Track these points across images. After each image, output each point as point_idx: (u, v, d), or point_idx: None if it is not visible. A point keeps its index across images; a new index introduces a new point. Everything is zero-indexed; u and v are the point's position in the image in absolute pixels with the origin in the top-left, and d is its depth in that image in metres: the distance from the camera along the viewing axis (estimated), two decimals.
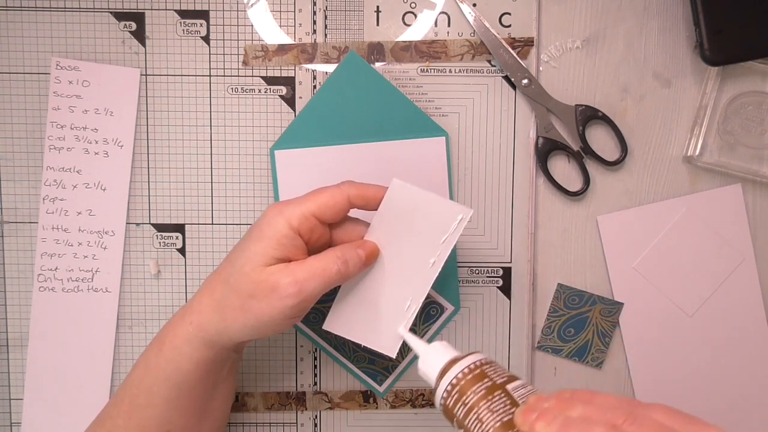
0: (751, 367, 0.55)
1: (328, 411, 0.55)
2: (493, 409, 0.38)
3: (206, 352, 0.43)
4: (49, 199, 0.53)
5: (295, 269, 0.41)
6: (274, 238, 0.41)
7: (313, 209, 0.42)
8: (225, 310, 0.42)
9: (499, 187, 0.54)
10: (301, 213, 0.42)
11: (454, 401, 0.40)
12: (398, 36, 0.53)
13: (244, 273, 0.41)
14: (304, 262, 0.42)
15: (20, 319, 0.54)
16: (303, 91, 0.54)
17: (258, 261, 0.41)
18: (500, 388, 0.39)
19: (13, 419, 0.55)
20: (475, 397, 0.39)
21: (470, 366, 0.40)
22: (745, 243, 0.54)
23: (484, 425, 0.38)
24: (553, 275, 0.55)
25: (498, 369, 0.41)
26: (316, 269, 0.41)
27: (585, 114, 0.53)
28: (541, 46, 0.54)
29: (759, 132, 0.54)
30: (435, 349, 0.43)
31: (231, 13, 0.53)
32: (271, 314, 0.41)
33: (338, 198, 0.43)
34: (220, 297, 0.42)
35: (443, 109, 0.54)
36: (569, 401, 0.36)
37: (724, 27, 0.51)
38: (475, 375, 0.40)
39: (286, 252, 0.42)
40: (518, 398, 0.39)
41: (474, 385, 0.39)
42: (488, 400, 0.38)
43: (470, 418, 0.39)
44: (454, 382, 0.40)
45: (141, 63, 0.53)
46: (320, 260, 0.42)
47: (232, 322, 0.42)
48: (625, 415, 0.33)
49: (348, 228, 0.45)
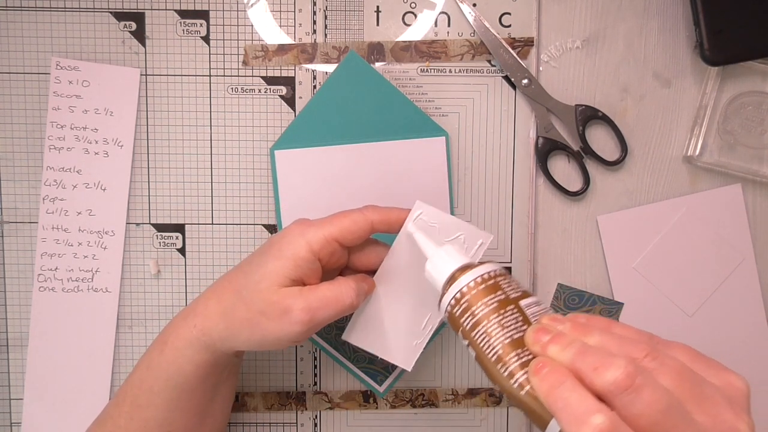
0: (751, 367, 0.55)
1: (328, 411, 0.55)
2: (504, 324, 0.36)
3: (207, 356, 0.43)
4: (49, 199, 0.53)
5: (310, 296, 0.41)
6: (292, 260, 0.41)
7: (336, 234, 0.42)
8: (232, 320, 0.42)
9: (499, 187, 0.54)
10: (324, 237, 0.41)
11: (462, 310, 0.37)
12: (398, 36, 0.53)
13: (258, 290, 0.41)
14: (318, 288, 0.41)
15: (20, 319, 0.54)
16: (303, 91, 0.54)
17: (274, 280, 0.41)
18: (513, 303, 0.36)
19: (13, 419, 0.55)
20: (485, 310, 0.36)
21: (483, 276, 0.38)
22: (745, 243, 0.54)
23: (493, 340, 0.35)
24: (553, 275, 0.55)
25: (513, 282, 0.38)
26: (330, 299, 0.41)
27: (585, 114, 0.53)
28: (541, 46, 0.54)
29: (759, 132, 0.54)
30: (447, 252, 0.41)
31: (231, 13, 0.53)
32: (278, 335, 0.41)
33: (361, 224, 0.42)
34: (229, 306, 0.42)
35: (443, 109, 0.54)
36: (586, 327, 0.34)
37: (724, 27, 0.51)
38: (489, 286, 0.37)
39: (302, 274, 0.42)
40: (531, 316, 0.36)
41: (485, 297, 0.37)
42: (499, 314, 0.36)
43: (478, 330, 0.36)
44: (464, 290, 0.37)
45: (141, 63, 0.53)
46: (334, 290, 0.42)
47: (238, 333, 0.42)
48: (647, 349, 0.31)
49: (367, 251, 0.45)
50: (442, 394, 0.55)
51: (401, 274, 0.45)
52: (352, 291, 0.42)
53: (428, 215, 0.44)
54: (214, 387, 0.46)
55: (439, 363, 0.55)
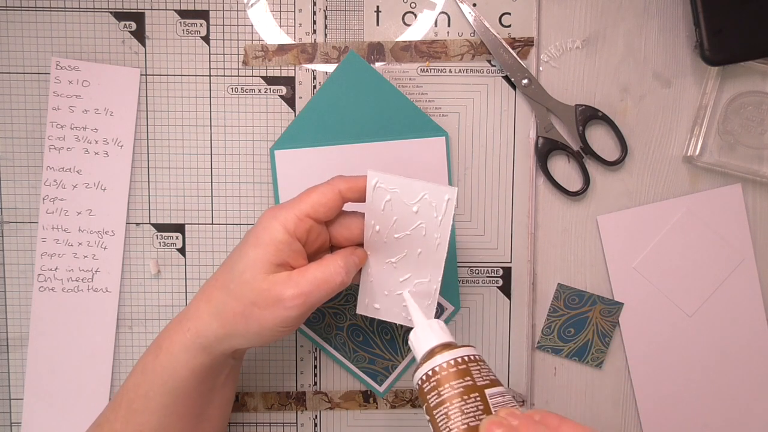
0: (751, 366, 0.55)
1: (328, 411, 0.55)
2: (464, 410, 0.38)
3: (203, 359, 0.43)
4: (49, 199, 0.53)
5: (299, 280, 0.41)
6: (271, 245, 0.41)
7: (307, 210, 0.42)
8: (225, 317, 0.42)
9: (499, 187, 0.54)
10: (296, 216, 0.41)
11: (430, 388, 0.39)
12: (398, 36, 0.53)
13: (244, 281, 0.41)
14: (306, 270, 0.41)
15: (20, 319, 0.54)
16: (303, 91, 0.54)
17: (258, 268, 0.41)
18: (478, 391, 0.38)
19: (13, 419, 0.55)
20: (450, 392, 0.38)
21: (457, 359, 0.40)
22: (745, 243, 0.54)
23: (451, 423, 0.38)
24: (553, 275, 0.55)
25: (483, 369, 0.40)
26: (320, 280, 0.41)
27: (585, 114, 0.53)
28: (541, 46, 0.54)
29: (759, 132, 0.54)
30: (431, 327, 0.43)
31: (231, 13, 0.53)
32: (274, 322, 0.41)
33: (330, 195, 0.42)
34: (219, 303, 0.42)
35: (443, 109, 0.54)
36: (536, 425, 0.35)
37: (724, 27, 0.51)
38: (459, 370, 0.39)
39: (284, 257, 0.41)
40: (492, 406, 0.38)
41: (454, 380, 0.39)
42: (462, 400, 0.38)
43: (440, 410, 0.38)
44: (437, 369, 0.40)
45: (141, 63, 0.53)
46: (323, 270, 0.41)
47: (233, 329, 0.42)
48: None
49: (345, 222, 0.45)
50: None
51: (388, 238, 0.45)
52: (340, 268, 0.42)
53: (385, 182, 0.43)
54: (210, 391, 0.45)
55: None
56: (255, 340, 0.43)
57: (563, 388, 0.56)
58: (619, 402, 0.56)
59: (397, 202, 0.44)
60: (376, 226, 0.44)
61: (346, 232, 0.45)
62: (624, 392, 0.55)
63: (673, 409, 0.55)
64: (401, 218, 0.44)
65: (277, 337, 0.43)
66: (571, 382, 0.56)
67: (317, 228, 0.43)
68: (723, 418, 0.55)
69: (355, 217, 0.45)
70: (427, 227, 0.44)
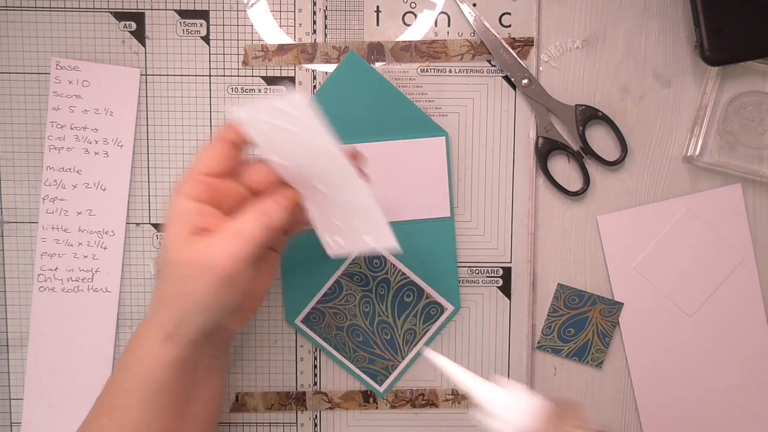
0: (751, 366, 0.55)
1: (328, 411, 0.55)
2: None
3: (171, 350, 0.42)
4: (49, 199, 0.53)
5: (217, 241, 0.39)
6: (181, 217, 0.40)
7: (201, 169, 0.41)
8: (170, 302, 0.41)
9: (499, 187, 0.54)
10: (193, 180, 0.41)
11: None
12: (398, 36, 0.53)
13: (170, 261, 0.40)
14: (224, 230, 0.40)
15: (20, 319, 0.54)
16: (303, 91, 0.54)
17: (177, 242, 0.40)
18: None
19: (13, 419, 0.55)
20: None
21: None
22: (745, 243, 0.54)
23: None
24: (553, 275, 0.55)
25: None
26: (237, 235, 0.40)
27: (585, 114, 0.53)
28: (541, 46, 0.54)
29: (759, 132, 0.54)
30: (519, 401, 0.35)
31: (231, 13, 0.53)
32: (211, 290, 0.40)
33: (217, 147, 0.41)
34: (165, 290, 0.42)
35: (443, 109, 0.54)
36: None
37: (724, 27, 0.51)
38: None
39: (197, 224, 0.40)
40: None
41: None
42: None
43: None
44: None
45: (141, 63, 0.53)
46: (239, 223, 0.40)
47: (183, 309, 0.41)
48: None
49: (253, 168, 0.43)
50: (442, 394, 0.55)
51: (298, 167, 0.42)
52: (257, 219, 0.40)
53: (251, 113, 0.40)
54: (189, 387, 0.44)
55: None
56: (215, 314, 0.41)
57: (563, 388, 0.56)
58: (619, 402, 0.56)
59: (274, 128, 0.41)
60: (277, 159, 0.42)
61: (258, 176, 0.43)
62: (624, 392, 0.55)
63: (673, 408, 0.55)
64: (288, 142, 0.41)
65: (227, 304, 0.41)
66: (571, 382, 0.56)
67: (223, 185, 0.42)
68: (723, 418, 0.55)
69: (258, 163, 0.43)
70: (311, 139, 0.41)
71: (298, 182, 0.43)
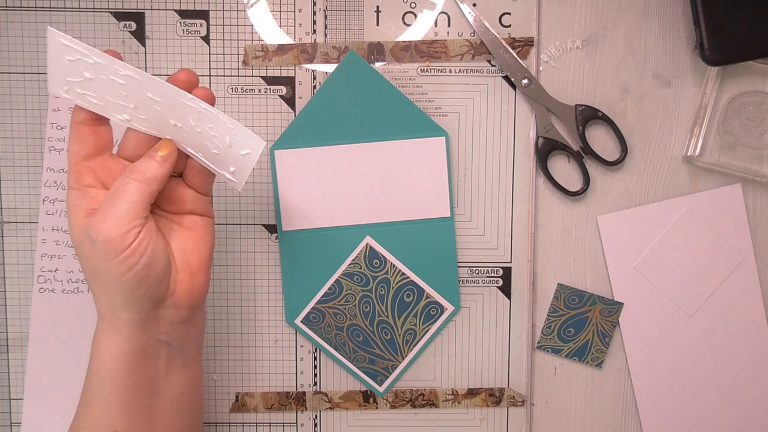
0: (751, 366, 0.55)
1: (328, 411, 0.55)
2: None
3: (119, 339, 0.42)
4: (49, 201, 0.53)
5: (98, 212, 0.40)
6: (72, 205, 0.42)
7: (72, 158, 0.42)
8: (95, 291, 0.42)
9: (499, 187, 0.54)
10: (70, 171, 0.42)
11: None
12: (398, 36, 0.53)
13: (77, 248, 0.41)
14: (102, 201, 0.41)
15: (20, 319, 0.54)
16: (303, 91, 0.54)
17: (74, 231, 0.41)
18: None
19: (13, 419, 0.55)
20: None
21: None
22: (745, 243, 0.54)
23: None
24: (553, 275, 0.55)
25: None
26: (110, 198, 0.40)
27: (585, 114, 0.53)
28: (541, 46, 0.54)
29: (759, 132, 0.54)
30: None
31: (231, 13, 0.53)
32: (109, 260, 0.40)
33: (74, 132, 0.42)
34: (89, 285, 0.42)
35: (443, 109, 0.54)
36: None
37: (724, 27, 0.51)
38: None
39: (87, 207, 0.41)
40: None
41: None
42: None
43: None
44: None
45: (141, 63, 0.53)
46: (111, 189, 0.41)
47: (105, 292, 0.41)
48: None
49: (123, 141, 0.44)
50: (442, 394, 0.55)
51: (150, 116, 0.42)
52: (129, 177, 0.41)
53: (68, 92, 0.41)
54: (149, 382, 0.43)
55: (439, 363, 0.55)
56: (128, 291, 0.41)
57: (563, 388, 0.56)
58: (619, 402, 0.56)
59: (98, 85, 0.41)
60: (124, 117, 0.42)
61: (129, 143, 0.43)
62: (624, 392, 0.56)
63: (673, 408, 0.55)
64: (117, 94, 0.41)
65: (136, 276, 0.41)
66: (571, 382, 0.56)
67: (102, 163, 0.42)
68: (723, 418, 0.55)
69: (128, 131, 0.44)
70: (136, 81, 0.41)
71: (158, 129, 0.43)
